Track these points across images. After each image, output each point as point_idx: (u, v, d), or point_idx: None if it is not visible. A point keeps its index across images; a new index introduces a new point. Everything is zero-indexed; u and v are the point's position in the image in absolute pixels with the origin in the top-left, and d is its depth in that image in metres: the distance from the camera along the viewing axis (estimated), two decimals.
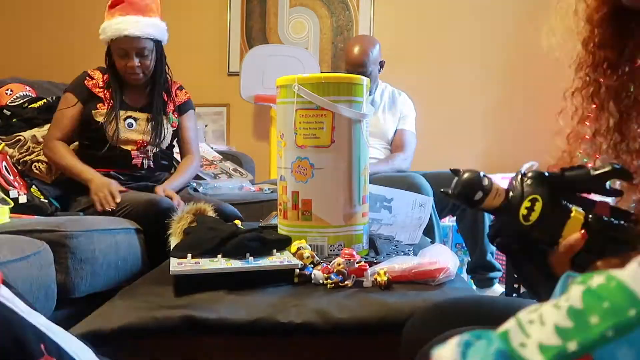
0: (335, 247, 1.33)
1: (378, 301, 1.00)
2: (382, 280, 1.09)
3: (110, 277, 1.51)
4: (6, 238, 1.25)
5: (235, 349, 0.97)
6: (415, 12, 3.65)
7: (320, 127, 1.31)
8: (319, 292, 1.07)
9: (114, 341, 0.94)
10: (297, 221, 1.34)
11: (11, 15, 3.72)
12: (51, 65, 3.53)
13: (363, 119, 1.35)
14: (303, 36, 3.62)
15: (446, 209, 2.38)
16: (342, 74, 1.33)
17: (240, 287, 1.07)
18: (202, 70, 3.57)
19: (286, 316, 0.95)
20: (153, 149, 1.97)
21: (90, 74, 1.98)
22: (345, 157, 1.33)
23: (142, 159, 1.96)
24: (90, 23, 3.57)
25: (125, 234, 1.60)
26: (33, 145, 2.04)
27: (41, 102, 2.22)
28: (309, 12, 3.61)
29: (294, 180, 1.34)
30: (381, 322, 0.95)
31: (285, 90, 1.35)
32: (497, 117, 3.63)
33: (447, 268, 1.12)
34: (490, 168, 3.44)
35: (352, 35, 3.60)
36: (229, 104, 3.63)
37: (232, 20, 3.61)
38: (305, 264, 1.18)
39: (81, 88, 1.95)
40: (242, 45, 3.61)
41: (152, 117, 1.96)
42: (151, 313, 0.96)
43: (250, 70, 3.28)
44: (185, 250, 1.17)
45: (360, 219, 1.37)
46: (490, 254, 2.36)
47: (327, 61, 3.63)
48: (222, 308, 0.97)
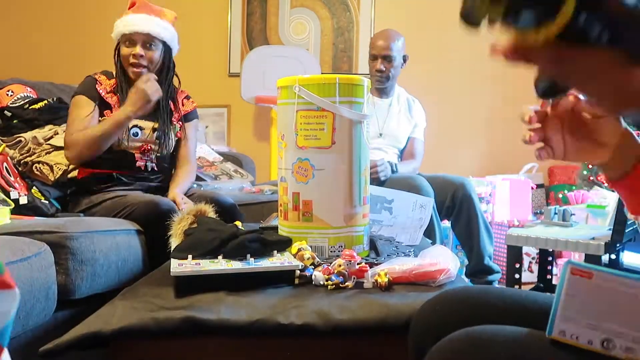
0: (336, 248, 1.33)
1: (379, 302, 1.00)
2: (382, 282, 1.09)
3: (111, 278, 1.51)
4: (7, 239, 1.25)
5: (236, 350, 0.97)
6: (415, 13, 3.65)
7: (321, 128, 1.31)
8: (320, 293, 1.07)
9: (114, 342, 0.94)
10: (298, 222, 1.34)
11: (12, 16, 3.73)
12: (52, 66, 3.54)
13: (364, 120, 1.35)
14: (304, 37, 3.62)
15: (441, 213, 2.36)
16: (342, 75, 1.33)
17: (241, 288, 1.07)
18: (203, 71, 3.57)
19: (287, 317, 0.95)
20: (156, 153, 1.98)
21: (97, 78, 1.94)
22: (346, 158, 1.33)
23: (146, 162, 1.96)
24: (91, 24, 3.59)
25: (125, 235, 1.60)
26: (34, 147, 2.05)
27: (42, 103, 2.22)
28: (310, 13, 3.62)
29: (295, 181, 1.34)
30: (382, 324, 0.95)
31: (286, 91, 1.35)
32: (497, 119, 3.63)
33: (447, 269, 1.11)
34: (491, 169, 3.44)
35: (353, 36, 3.61)
36: (230, 105, 3.63)
37: (232, 21, 3.62)
38: (306, 265, 1.18)
39: (94, 92, 1.91)
40: (243, 46, 3.61)
41: (157, 127, 1.95)
42: (152, 314, 0.96)
43: (251, 71, 3.28)
44: (185, 252, 1.17)
45: (361, 220, 1.37)
46: (487, 258, 2.35)
47: (328, 62, 3.63)
48: (222, 309, 0.97)
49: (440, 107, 3.53)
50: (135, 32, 1.87)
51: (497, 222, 2.97)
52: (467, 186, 2.35)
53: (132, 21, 1.88)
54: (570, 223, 1.99)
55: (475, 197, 2.36)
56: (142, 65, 1.89)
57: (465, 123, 3.67)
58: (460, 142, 3.67)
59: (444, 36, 3.68)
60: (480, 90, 3.64)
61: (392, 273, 1.11)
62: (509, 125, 3.63)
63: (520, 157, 3.51)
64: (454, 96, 3.65)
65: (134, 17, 1.89)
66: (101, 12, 3.50)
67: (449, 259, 1.15)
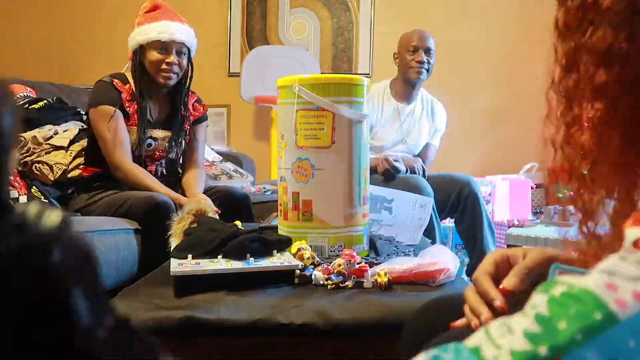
0: (336, 247, 1.33)
1: (378, 302, 1.00)
2: (382, 281, 1.09)
3: (110, 278, 1.51)
4: None
5: (236, 350, 0.97)
6: (416, 13, 3.65)
7: (320, 127, 1.31)
8: (319, 292, 1.07)
9: None
10: (298, 222, 1.34)
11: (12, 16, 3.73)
12: (52, 66, 3.53)
13: (363, 120, 1.35)
14: (304, 37, 3.62)
15: (445, 211, 2.37)
16: (343, 75, 1.33)
17: (241, 287, 1.07)
18: (203, 71, 3.55)
19: (286, 317, 0.95)
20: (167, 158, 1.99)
21: (115, 85, 1.84)
22: (346, 158, 1.33)
23: (157, 166, 1.96)
24: (92, 24, 3.59)
25: (125, 235, 1.60)
26: (33, 146, 2.05)
27: (42, 103, 2.22)
28: (310, 13, 3.61)
29: (295, 181, 1.34)
30: (381, 323, 0.95)
31: (285, 91, 1.35)
32: (497, 119, 3.63)
33: (447, 269, 1.11)
34: (491, 169, 3.44)
35: (353, 36, 3.61)
36: (230, 105, 3.63)
37: (232, 21, 3.62)
38: (306, 264, 1.18)
39: (117, 100, 1.82)
40: (243, 46, 3.61)
41: (171, 136, 1.94)
42: (151, 314, 0.96)
43: (250, 71, 3.28)
44: (185, 251, 1.17)
45: (361, 219, 1.37)
46: None
47: (328, 62, 3.63)
48: (222, 309, 0.97)
49: None
50: (173, 40, 1.82)
51: (497, 222, 2.97)
52: (473, 184, 2.37)
53: (168, 29, 1.82)
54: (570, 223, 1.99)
55: (480, 196, 2.37)
56: (173, 72, 1.85)
57: (465, 123, 3.66)
58: (460, 142, 3.66)
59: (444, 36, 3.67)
60: (480, 90, 3.64)
61: (391, 273, 1.11)
62: (509, 125, 3.63)
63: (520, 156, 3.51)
64: (454, 96, 3.65)
65: (169, 25, 1.83)
66: (102, 12, 3.50)
67: (449, 258, 1.15)
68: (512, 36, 3.57)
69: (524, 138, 3.63)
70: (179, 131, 1.95)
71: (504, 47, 3.59)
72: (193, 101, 2.05)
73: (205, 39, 3.75)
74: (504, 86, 3.60)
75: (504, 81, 3.60)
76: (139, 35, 1.84)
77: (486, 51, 3.62)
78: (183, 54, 1.88)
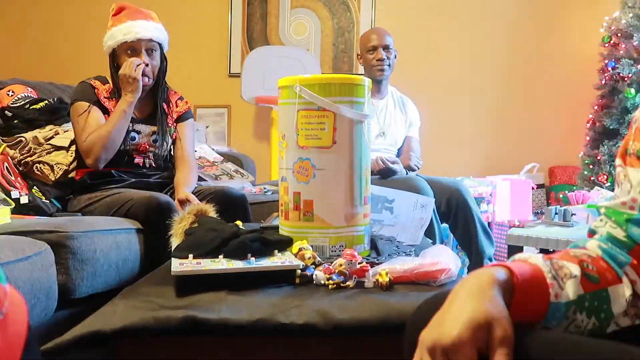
0: (337, 247, 1.32)
1: (379, 302, 1.00)
2: (383, 281, 1.08)
3: (111, 278, 1.51)
4: (7, 239, 1.25)
5: (237, 350, 0.97)
6: (416, 13, 3.65)
7: (321, 127, 1.31)
8: (321, 292, 1.07)
9: (115, 342, 0.94)
10: (299, 222, 1.34)
11: (12, 16, 3.73)
12: (52, 66, 3.54)
13: (365, 120, 1.35)
14: (304, 37, 3.63)
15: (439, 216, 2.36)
16: (344, 75, 1.33)
17: (242, 287, 1.07)
18: (204, 71, 3.57)
19: (287, 317, 0.95)
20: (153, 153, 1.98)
21: (93, 84, 1.91)
22: (347, 158, 1.33)
23: (144, 159, 1.96)
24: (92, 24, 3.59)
25: (125, 234, 1.60)
26: (34, 147, 2.05)
27: (42, 104, 2.23)
28: (310, 13, 3.62)
29: (296, 181, 1.34)
30: (382, 323, 0.95)
31: (286, 91, 1.35)
32: (497, 119, 3.63)
33: (448, 269, 1.11)
34: (492, 169, 3.44)
35: (353, 37, 3.61)
36: (230, 105, 3.63)
37: (233, 22, 3.62)
38: (307, 264, 1.18)
39: (93, 97, 1.88)
40: (244, 46, 3.61)
41: (155, 132, 1.96)
42: (152, 313, 0.96)
43: (251, 71, 3.28)
44: (186, 251, 1.17)
45: (362, 219, 1.37)
46: (487, 260, 2.36)
47: (329, 62, 3.63)
48: (223, 308, 0.97)
49: (441, 107, 3.53)
50: (139, 39, 1.85)
51: (497, 223, 2.97)
52: (461, 191, 2.36)
53: (132, 29, 1.84)
54: (571, 223, 1.99)
55: (470, 201, 2.36)
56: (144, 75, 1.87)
57: (466, 123, 3.66)
58: (460, 142, 3.66)
59: (444, 36, 3.67)
60: (481, 91, 3.64)
61: (393, 273, 1.11)
62: (509, 125, 3.63)
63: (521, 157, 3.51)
64: (455, 96, 3.65)
65: (132, 25, 1.85)
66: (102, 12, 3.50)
67: (450, 258, 1.15)
68: (513, 37, 3.57)
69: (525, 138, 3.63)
70: (163, 126, 1.97)
71: (504, 47, 3.59)
72: (176, 99, 2.08)
73: (206, 39, 3.76)
74: (504, 87, 3.60)
75: (505, 82, 3.60)
76: (109, 39, 1.89)
77: (487, 52, 3.62)
78: (153, 50, 1.90)
